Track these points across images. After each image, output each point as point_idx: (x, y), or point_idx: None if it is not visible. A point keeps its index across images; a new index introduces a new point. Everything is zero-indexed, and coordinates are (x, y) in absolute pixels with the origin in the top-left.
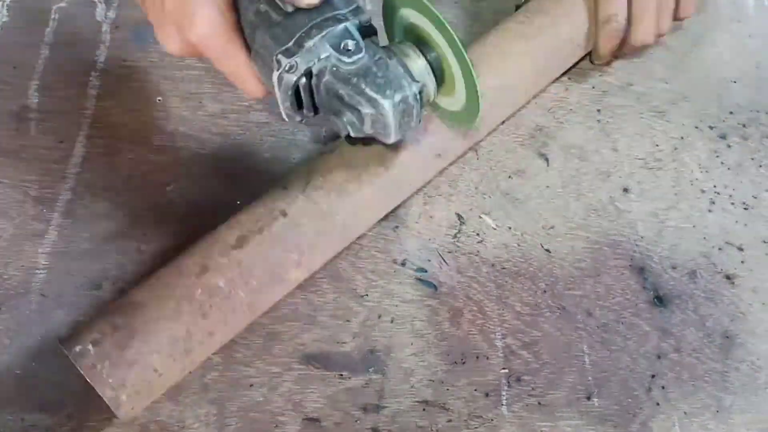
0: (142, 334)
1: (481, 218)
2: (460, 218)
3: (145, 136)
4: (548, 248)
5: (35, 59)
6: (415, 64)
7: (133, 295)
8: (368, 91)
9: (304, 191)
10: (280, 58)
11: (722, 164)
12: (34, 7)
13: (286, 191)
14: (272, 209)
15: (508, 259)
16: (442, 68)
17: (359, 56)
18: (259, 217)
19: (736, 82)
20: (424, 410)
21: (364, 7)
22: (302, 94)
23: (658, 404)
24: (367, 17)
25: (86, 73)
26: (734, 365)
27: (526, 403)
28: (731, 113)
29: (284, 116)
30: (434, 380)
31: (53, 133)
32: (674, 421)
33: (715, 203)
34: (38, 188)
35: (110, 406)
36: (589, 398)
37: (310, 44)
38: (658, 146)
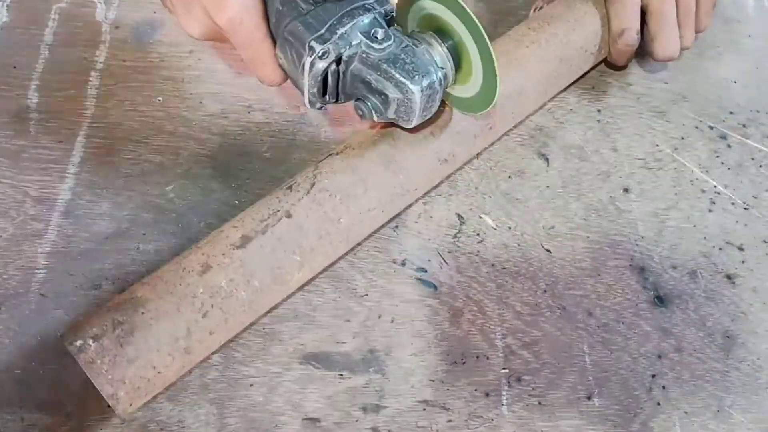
0: (142, 331)
1: (481, 218)
2: (460, 218)
3: (145, 136)
4: (548, 248)
5: (35, 59)
6: (436, 51)
7: (134, 291)
8: (398, 76)
9: (308, 193)
10: (313, 44)
11: (722, 164)
12: (34, 7)
13: (291, 192)
14: (277, 210)
15: (508, 259)
16: (459, 55)
17: (388, 43)
18: (263, 217)
19: (736, 82)
20: (424, 410)
21: None
22: (329, 79)
23: (658, 404)
24: (391, 7)
25: (86, 73)
26: (735, 365)
27: (526, 403)
28: (731, 113)
29: (306, 103)
30: (434, 380)
31: (53, 133)
32: (675, 420)
33: (715, 203)
34: (38, 188)
35: (109, 402)
36: (589, 398)
37: (342, 31)
38: (658, 146)
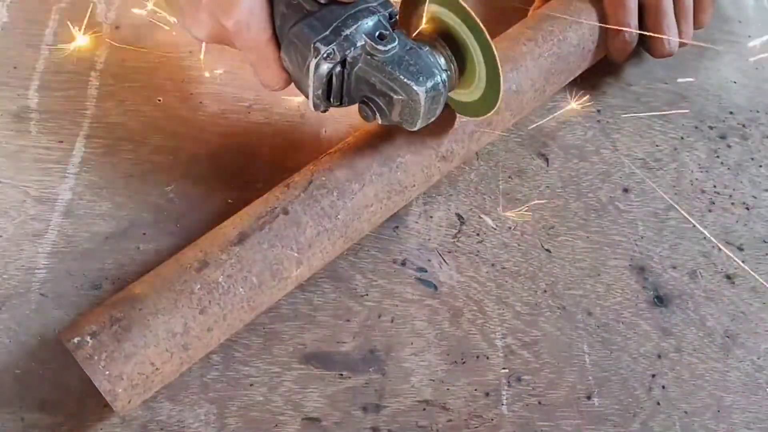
0: (139, 327)
1: (481, 218)
2: (460, 218)
3: (145, 136)
4: (548, 248)
5: (35, 59)
6: (440, 53)
7: (132, 288)
8: (402, 77)
9: (306, 190)
10: (318, 45)
11: (722, 164)
12: (34, 7)
13: (288, 190)
14: (274, 207)
15: (508, 259)
16: (464, 58)
17: (392, 45)
18: (260, 214)
19: (736, 82)
20: (424, 410)
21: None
22: (334, 81)
23: (658, 404)
24: (395, 9)
25: (86, 73)
26: (735, 365)
27: (526, 402)
28: (731, 113)
29: (311, 105)
30: (434, 380)
31: (53, 133)
32: (675, 420)
33: (715, 203)
34: (38, 188)
35: (106, 398)
36: (589, 398)
37: (347, 33)
38: (658, 146)
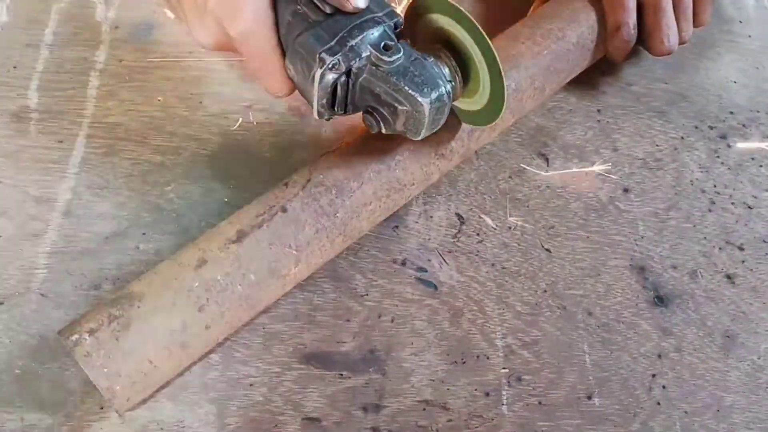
0: (137, 324)
1: (481, 218)
2: (460, 218)
3: (145, 136)
4: (548, 248)
5: (35, 59)
6: (444, 64)
7: (131, 286)
8: (407, 89)
9: (304, 188)
10: (323, 56)
11: (722, 164)
12: (34, 7)
13: (286, 189)
14: (272, 205)
15: (508, 258)
16: (468, 68)
17: (398, 56)
18: (259, 212)
19: (736, 82)
20: (424, 410)
21: (396, 11)
22: (339, 91)
23: (658, 404)
24: (400, 20)
25: (86, 73)
26: (735, 365)
27: (526, 402)
28: (731, 113)
29: (315, 114)
30: (434, 380)
31: (53, 133)
32: (675, 420)
33: (715, 203)
34: (38, 188)
35: (105, 396)
36: (589, 398)
37: (352, 44)
38: (658, 146)
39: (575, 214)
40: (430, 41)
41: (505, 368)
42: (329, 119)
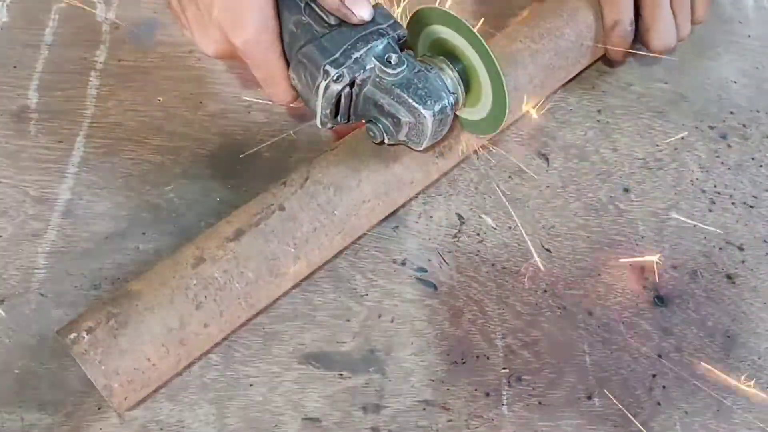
0: (135, 322)
1: (481, 218)
2: (460, 218)
3: (145, 136)
4: (548, 248)
5: (35, 59)
6: (447, 75)
7: (129, 285)
8: (410, 101)
9: (302, 186)
10: (328, 68)
11: (722, 164)
12: (34, 7)
13: (284, 187)
14: (270, 204)
15: (508, 259)
16: (469, 79)
17: (402, 68)
18: (257, 210)
19: (736, 82)
20: (424, 410)
21: (400, 22)
22: (342, 102)
23: (659, 404)
24: (404, 32)
25: (86, 73)
26: (735, 365)
27: (526, 402)
28: (731, 113)
29: (318, 123)
30: (434, 380)
31: (53, 133)
32: (675, 420)
33: (715, 203)
34: (38, 188)
35: (103, 394)
36: (589, 398)
37: (356, 56)
38: (658, 146)
39: (575, 214)
40: (432, 51)
41: (505, 368)
42: (332, 128)
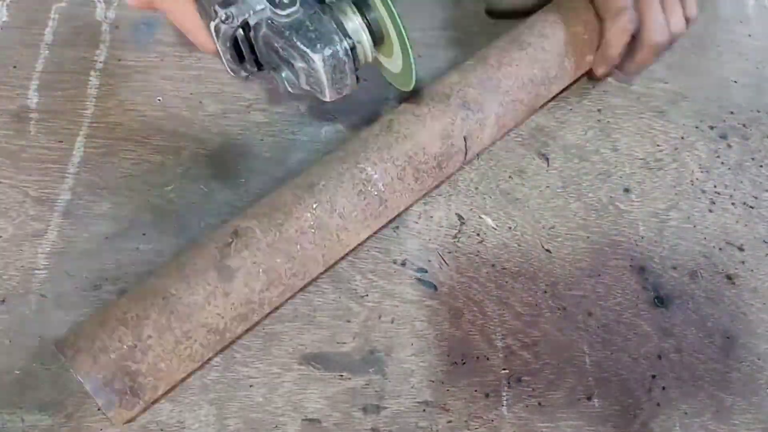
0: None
1: (481, 218)
2: (460, 218)
3: (145, 136)
4: (548, 248)
5: (35, 59)
6: (350, 21)
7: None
8: (299, 44)
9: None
10: (217, 8)
11: (722, 164)
12: (34, 7)
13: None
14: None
15: (508, 259)
16: (380, 28)
17: (293, 9)
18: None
19: (736, 82)
20: (424, 411)
21: None
22: (242, 47)
23: (658, 404)
24: None
25: (86, 73)
26: (735, 365)
27: (526, 403)
28: (731, 113)
29: (228, 70)
30: (434, 381)
31: (53, 133)
32: (675, 421)
33: (715, 203)
34: (38, 188)
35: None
36: (589, 399)
37: None
38: (658, 146)
39: (575, 214)
40: None
41: (504, 369)
42: (247, 77)
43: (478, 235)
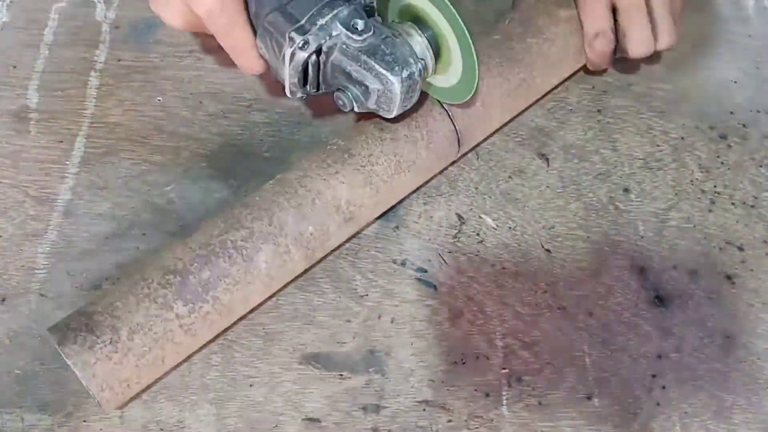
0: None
1: (481, 218)
2: (460, 218)
3: (145, 136)
4: (548, 248)
5: (35, 59)
6: (416, 42)
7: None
8: (378, 67)
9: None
10: (293, 35)
11: (722, 164)
12: (34, 7)
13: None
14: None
15: (508, 259)
16: (439, 45)
17: (368, 35)
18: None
19: (736, 82)
20: (424, 410)
21: None
22: (310, 70)
23: (658, 404)
24: None
25: (86, 73)
26: (735, 365)
27: (526, 403)
28: (731, 113)
29: (288, 92)
30: (434, 380)
31: (53, 133)
32: (675, 421)
33: (715, 203)
34: (38, 188)
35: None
36: (589, 398)
37: (322, 22)
38: (658, 146)
39: (575, 214)
40: (401, 17)
41: (504, 369)
42: (302, 98)
43: (478, 235)
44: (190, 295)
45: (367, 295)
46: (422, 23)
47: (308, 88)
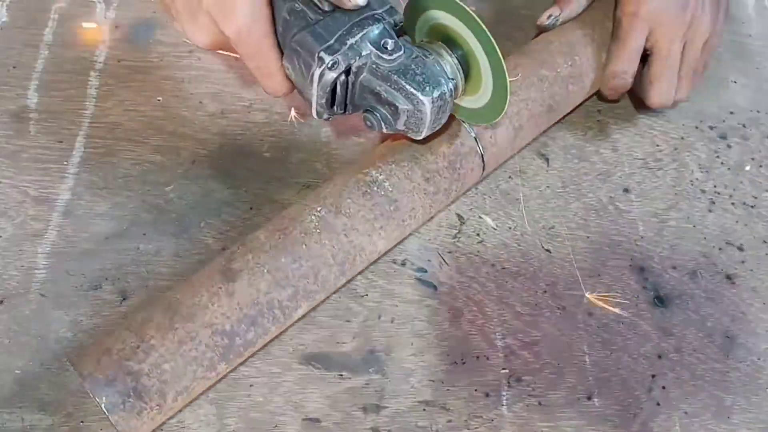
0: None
1: (481, 218)
2: (460, 218)
3: (144, 136)
4: (548, 248)
5: (35, 59)
6: (446, 61)
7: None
8: (408, 87)
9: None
10: (322, 55)
11: (722, 164)
12: (33, 7)
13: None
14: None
15: (508, 259)
16: (469, 66)
17: (398, 54)
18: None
19: (736, 82)
20: (424, 410)
21: (396, 7)
22: (338, 90)
23: (658, 404)
24: (400, 17)
25: (86, 73)
26: (735, 365)
27: (526, 403)
28: (731, 113)
29: (314, 113)
30: (434, 380)
31: (53, 133)
32: (675, 421)
33: (715, 203)
34: (38, 188)
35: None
36: (589, 398)
37: (351, 42)
38: (658, 146)
39: (575, 214)
40: (430, 37)
41: (504, 369)
42: (328, 119)
43: (478, 235)
44: (233, 355)
45: (367, 295)
46: (452, 43)
47: (335, 108)
